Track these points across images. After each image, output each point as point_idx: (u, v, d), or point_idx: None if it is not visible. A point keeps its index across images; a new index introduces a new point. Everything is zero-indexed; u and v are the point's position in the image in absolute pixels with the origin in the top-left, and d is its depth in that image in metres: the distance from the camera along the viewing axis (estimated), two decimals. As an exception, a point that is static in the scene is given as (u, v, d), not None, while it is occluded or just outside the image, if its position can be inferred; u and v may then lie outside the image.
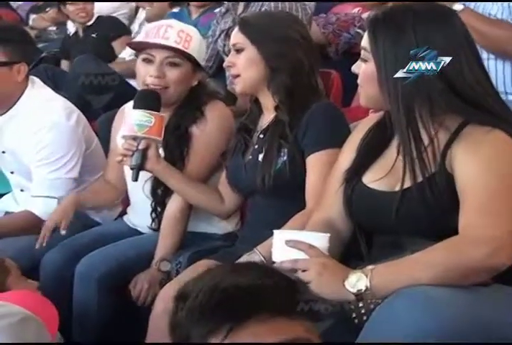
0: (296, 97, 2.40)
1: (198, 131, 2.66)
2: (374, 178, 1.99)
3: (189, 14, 4.37)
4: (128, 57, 4.65)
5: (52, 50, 5.21)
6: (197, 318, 1.25)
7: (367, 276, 1.75)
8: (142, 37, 2.83)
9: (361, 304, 1.77)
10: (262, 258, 2.21)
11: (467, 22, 2.82)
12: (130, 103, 2.97)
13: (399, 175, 1.91)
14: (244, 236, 2.58)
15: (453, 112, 1.89)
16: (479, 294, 1.75)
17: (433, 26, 1.90)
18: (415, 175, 1.87)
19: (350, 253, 2.05)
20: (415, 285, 1.70)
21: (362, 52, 1.96)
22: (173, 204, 2.67)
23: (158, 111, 2.52)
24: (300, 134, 2.37)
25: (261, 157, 2.43)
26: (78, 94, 3.87)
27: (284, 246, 1.84)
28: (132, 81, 3.87)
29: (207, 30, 3.85)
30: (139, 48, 2.72)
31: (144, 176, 2.61)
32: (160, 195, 2.70)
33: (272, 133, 2.41)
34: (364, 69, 1.96)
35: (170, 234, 2.65)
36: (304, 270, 1.79)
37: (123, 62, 4.70)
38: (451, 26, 1.93)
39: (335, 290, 1.76)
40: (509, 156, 1.84)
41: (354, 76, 2.03)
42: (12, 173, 3.13)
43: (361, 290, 1.75)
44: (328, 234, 1.89)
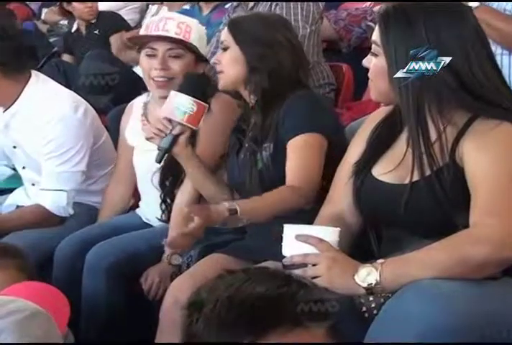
0: (271, 97, 2.42)
1: (203, 122, 2.66)
2: (383, 171, 1.99)
3: (200, 11, 4.37)
4: None
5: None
6: (215, 331, 1.23)
7: (377, 270, 1.75)
8: (142, 32, 2.84)
9: (371, 298, 1.78)
10: (236, 207, 2.17)
11: (482, 18, 2.83)
12: (139, 98, 2.99)
13: (408, 168, 1.91)
14: (252, 230, 2.58)
15: (462, 108, 1.89)
16: (488, 287, 1.75)
17: (444, 22, 1.89)
18: (423, 169, 1.87)
19: (360, 247, 2.05)
20: (425, 279, 1.71)
21: (373, 46, 1.96)
22: (182, 196, 2.67)
23: (204, 99, 2.48)
24: (279, 126, 2.39)
25: (248, 154, 2.45)
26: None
27: (294, 240, 1.84)
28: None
29: (219, 26, 3.86)
30: (141, 44, 2.73)
31: (152, 167, 2.62)
32: (169, 186, 2.70)
33: (255, 130, 2.44)
34: (374, 63, 1.96)
35: (181, 226, 2.65)
36: (314, 264, 1.80)
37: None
38: (463, 22, 1.92)
39: (345, 284, 1.77)
40: None
41: (365, 70, 2.02)
42: (24, 168, 3.14)
43: (371, 284, 1.75)
44: (339, 228, 1.89)
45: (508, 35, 2.91)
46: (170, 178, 2.69)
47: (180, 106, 2.43)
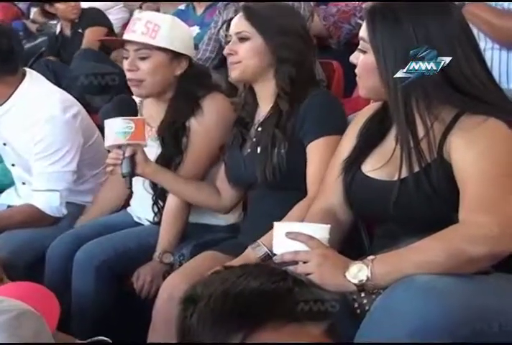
0: (298, 87, 2.40)
1: (196, 124, 2.65)
2: (373, 167, 1.99)
3: (194, 11, 4.37)
4: None
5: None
6: (209, 326, 1.23)
7: (367, 266, 1.75)
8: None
9: (363, 294, 1.78)
10: (267, 250, 2.22)
11: (475, 13, 2.83)
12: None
13: (397, 165, 1.91)
14: (246, 228, 2.58)
15: (449, 104, 1.89)
16: (480, 282, 1.75)
17: (431, 18, 1.89)
18: (411, 165, 1.88)
19: (351, 243, 2.05)
20: (416, 275, 1.71)
21: (361, 42, 1.96)
22: (173, 198, 2.66)
23: (135, 115, 2.51)
24: (298, 125, 2.37)
25: (259, 149, 2.43)
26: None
27: (284, 238, 1.84)
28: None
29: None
30: (122, 46, 2.73)
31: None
32: (161, 188, 2.70)
33: (270, 124, 2.42)
34: (362, 60, 1.96)
35: (172, 226, 2.65)
36: (305, 262, 1.80)
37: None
38: (449, 18, 1.92)
39: (336, 281, 1.77)
40: (505, 144, 1.84)
41: (355, 67, 2.02)
42: (13, 165, 3.14)
43: (362, 280, 1.75)
44: (329, 225, 1.89)
45: (500, 30, 2.91)
46: None
47: (119, 129, 2.46)
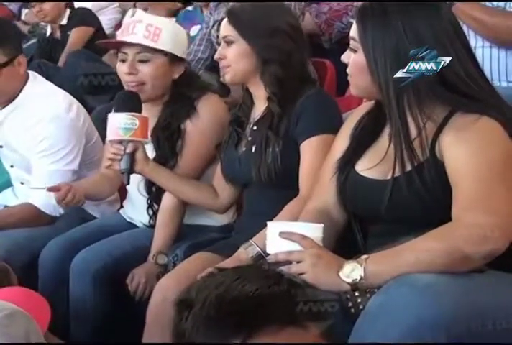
0: (288, 88, 2.40)
1: (192, 125, 2.66)
2: (366, 166, 1.99)
3: (201, 12, 4.38)
4: None
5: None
6: (204, 330, 1.22)
7: (361, 265, 1.75)
8: (118, 35, 2.83)
9: (357, 293, 1.78)
10: (260, 250, 2.22)
11: (466, 12, 2.82)
12: None
13: (391, 164, 1.91)
14: (240, 228, 2.58)
15: (442, 103, 1.89)
16: (474, 280, 1.75)
17: (420, 16, 1.89)
18: (404, 164, 1.88)
19: (345, 242, 2.05)
20: (410, 273, 1.71)
21: (351, 41, 1.96)
22: (169, 197, 2.67)
23: (140, 112, 2.50)
24: (292, 124, 2.37)
25: (254, 148, 2.43)
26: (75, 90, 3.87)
27: (278, 237, 1.84)
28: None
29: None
30: (117, 48, 2.72)
31: (137, 177, 2.62)
32: (155, 191, 2.70)
33: (264, 124, 2.42)
34: (353, 59, 1.96)
35: (166, 227, 2.65)
36: (299, 261, 1.80)
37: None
38: (439, 16, 1.92)
39: (330, 280, 1.77)
40: (497, 142, 1.84)
41: (347, 66, 2.02)
42: (12, 167, 3.14)
43: (356, 279, 1.75)
44: (322, 225, 1.89)
45: (492, 28, 2.91)
46: (156, 184, 2.67)
47: (123, 124, 2.44)
